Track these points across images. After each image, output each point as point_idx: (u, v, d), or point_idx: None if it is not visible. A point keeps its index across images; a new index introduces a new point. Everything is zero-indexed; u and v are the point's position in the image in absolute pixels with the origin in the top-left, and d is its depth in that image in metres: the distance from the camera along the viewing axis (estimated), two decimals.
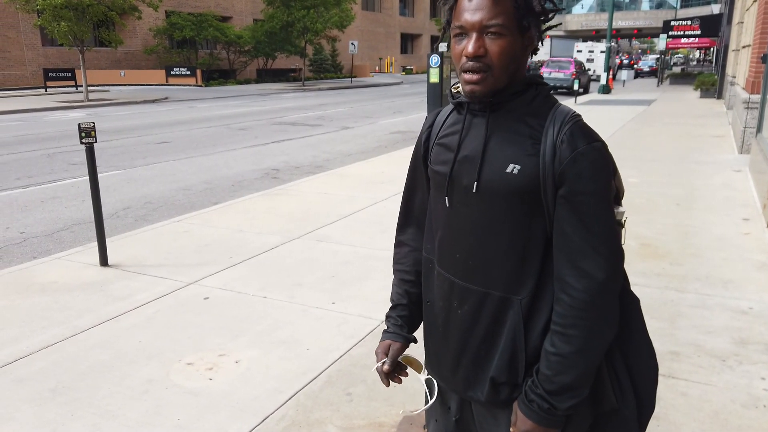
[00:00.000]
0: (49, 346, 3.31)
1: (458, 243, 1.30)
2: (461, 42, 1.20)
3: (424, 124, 1.44)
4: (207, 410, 2.70)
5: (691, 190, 6.93)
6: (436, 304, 1.38)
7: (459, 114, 1.33)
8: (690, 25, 31.52)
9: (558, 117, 1.22)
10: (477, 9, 1.16)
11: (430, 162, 1.37)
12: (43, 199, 7.28)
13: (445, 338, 1.36)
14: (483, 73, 1.18)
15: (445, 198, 1.30)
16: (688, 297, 3.89)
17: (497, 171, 1.22)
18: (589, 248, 1.17)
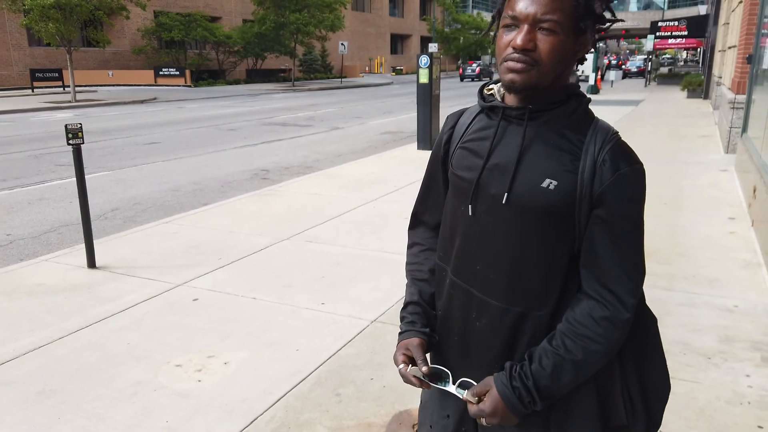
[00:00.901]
0: (37, 349, 3.28)
1: (479, 254, 1.24)
2: (510, 32, 1.14)
3: (445, 125, 1.37)
4: (196, 412, 2.69)
5: (678, 190, 7.00)
6: (451, 315, 1.33)
7: (490, 119, 1.26)
8: (677, 25, 31.82)
9: (599, 133, 1.17)
10: (536, 2, 1.10)
11: (452, 166, 1.30)
12: (29, 201, 7.22)
13: (465, 351, 1.32)
14: (528, 65, 1.12)
15: (468, 206, 1.23)
16: (675, 296, 3.93)
17: (532, 184, 1.16)
18: (621, 272, 1.16)
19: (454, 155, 1.31)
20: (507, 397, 1.17)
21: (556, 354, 1.16)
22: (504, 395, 1.17)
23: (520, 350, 1.24)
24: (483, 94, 1.30)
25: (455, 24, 61.73)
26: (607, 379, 1.23)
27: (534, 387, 1.16)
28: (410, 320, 1.37)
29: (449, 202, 1.34)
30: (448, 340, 1.35)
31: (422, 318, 1.37)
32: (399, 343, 1.34)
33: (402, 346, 1.32)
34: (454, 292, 1.31)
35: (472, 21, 62.70)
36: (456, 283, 1.30)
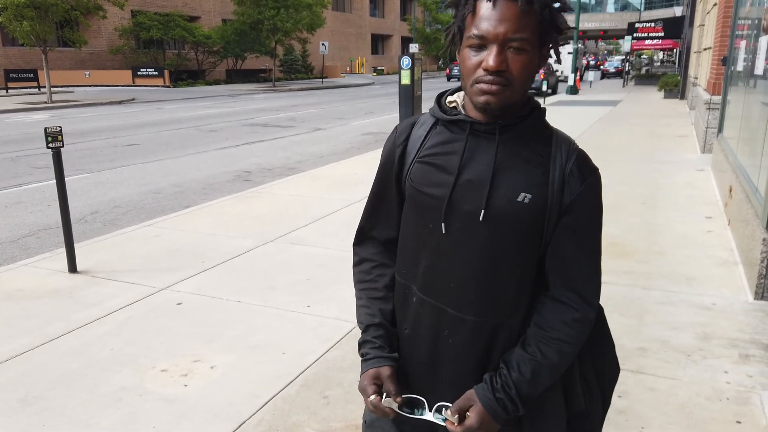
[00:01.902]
0: (18, 356, 3.24)
1: (453, 272, 1.22)
2: (478, 52, 1.11)
3: (397, 137, 1.31)
4: (182, 417, 2.68)
5: (656, 189, 7.12)
6: (419, 334, 1.29)
7: (452, 132, 1.23)
8: (653, 27, 32.28)
9: (563, 144, 1.22)
10: (502, 19, 1.08)
11: (412, 181, 1.25)
12: (6, 204, 7.10)
13: (433, 370, 1.29)
14: (502, 86, 1.11)
15: (441, 224, 1.20)
16: (653, 294, 4.01)
17: (507, 199, 1.17)
18: (587, 275, 1.22)
19: (412, 170, 1.25)
20: (493, 409, 1.18)
21: (533, 360, 1.19)
22: (489, 408, 1.18)
23: (494, 360, 1.25)
24: (442, 105, 1.26)
25: (436, 24, 61.91)
26: (567, 370, 1.26)
27: (517, 395, 1.18)
28: (377, 345, 1.30)
29: (411, 218, 1.29)
30: (413, 360, 1.31)
31: (387, 341, 1.31)
32: (366, 372, 1.27)
33: (371, 376, 1.26)
34: (423, 310, 1.28)
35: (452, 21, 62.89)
36: (425, 301, 1.27)
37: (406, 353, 1.32)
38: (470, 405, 1.20)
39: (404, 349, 1.33)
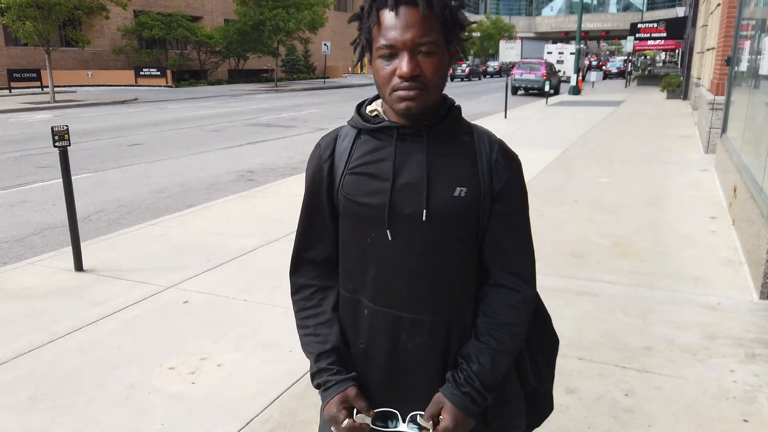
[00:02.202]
0: (26, 353, 3.26)
1: (403, 276, 1.23)
2: (390, 61, 1.14)
3: (322, 153, 1.29)
4: (191, 414, 2.70)
5: (660, 190, 7.12)
6: (375, 345, 1.28)
7: (379, 140, 1.24)
8: (656, 27, 32.30)
9: (483, 136, 1.27)
10: (407, 26, 1.11)
11: (346, 194, 1.24)
12: (11, 204, 7.12)
13: (394, 379, 1.29)
14: (419, 90, 1.14)
15: (385, 231, 1.20)
16: (659, 294, 4.01)
17: (445, 196, 1.20)
18: (523, 256, 1.28)
19: (343, 183, 1.24)
20: (463, 405, 1.20)
21: (488, 348, 1.23)
22: (459, 405, 1.20)
23: (453, 356, 1.27)
24: (363, 115, 1.27)
25: None
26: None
27: (481, 386, 1.21)
28: (334, 371, 1.27)
29: (349, 231, 1.28)
30: (371, 374, 1.30)
31: (342, 364, 1.29)
32: (331, 400, 1.24)
33: (338, 402, 1.24)
34: (376, 321, 1.27)
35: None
36: (378, 311, 1.26)
37: (363, 369, 1.30)
38: (441, 407, 1.21)
39: (360, 366, 1.30)
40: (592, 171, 8.33)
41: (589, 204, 6.47)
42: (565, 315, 3.69)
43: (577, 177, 7.93)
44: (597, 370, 3.04)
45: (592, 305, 3.83)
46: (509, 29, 74.28)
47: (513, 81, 27.70)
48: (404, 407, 1.26)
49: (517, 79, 27.95)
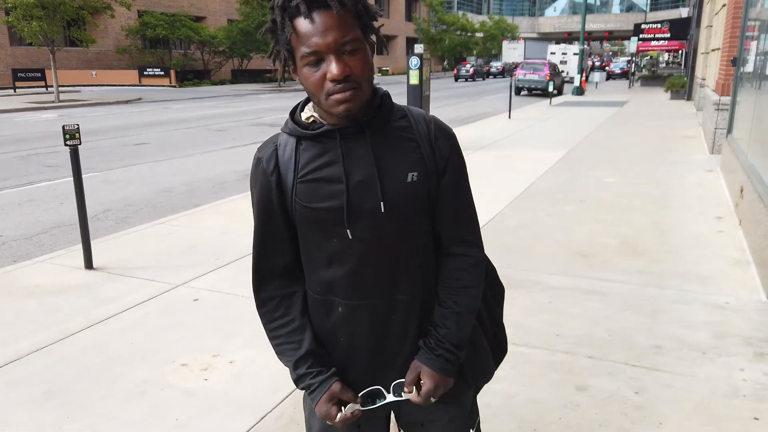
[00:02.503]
0: (40, 350, 3.28)
1: (372, 269, 1.28)
2: (317, 67, 1.14)
3: (266, 167, 1.28)
4: (204, 410, 2.72)
5: (666, 190, 7.13)
6: (358, 337, 1.34)
7: (321, 144, 1.25)
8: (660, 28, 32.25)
9: (417, 116, 1.31)
10: (326, 30, 1.11)
11: (302, 202, 1.25)
12: (19, 202, 7.15)
13: (380, 363, 1.36)
14: (353, 90, 1.15)
15: (346, 231, 1.24)
16: (667, 293, 4.02)
17: (399, 184, 1.24)
18: (470, 223, 1.38)
19: (296, 192, 1.25)
20: (439, 367, 1.31)
21: (452, 312, 1.33)
22: (436, 367, 1.31)
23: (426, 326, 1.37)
24: (300, 122, 1.27)
25: (441, 25, 61.95)
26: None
27: (451, 346, 1.32)
28: (314, 372, 1.32)
29: (310, 237, 1.30)
30: (354, 359, 1.35)
31: (320, 363, 1.34)
32: (320, 399, 1.30)
33: (327, 400, 1.30)
34: (355, 315, 1.31)
35: (457, 22, 62.96)
36: (356, 306, 1.31)
37: (346, 357, 1.36)
38: (419, 372, 1.32)
39: (343, 355, 1.36)
40: (598, 171, 8.34)
41: (595, 204, 6.48)
42: (574, 314, 3.70)
43: (583, 177, 7.94)
44: (607, 368, 3.05)
45: (601, 304, 3.85)
46: (512, 30, 74.26)
47: (516, 81, 27.69)
48: (388, 381, 1.35)
49: (521, 79, 27.95)
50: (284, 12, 1.14)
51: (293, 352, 1.33)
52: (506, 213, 6.10)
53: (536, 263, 4.62)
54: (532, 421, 2.62)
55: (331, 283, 1.30)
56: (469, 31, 65.31)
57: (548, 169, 8.54)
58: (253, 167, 1.32)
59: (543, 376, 2.98)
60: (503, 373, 3.01)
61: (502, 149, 10.60)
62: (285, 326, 1.34)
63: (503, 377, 2.97)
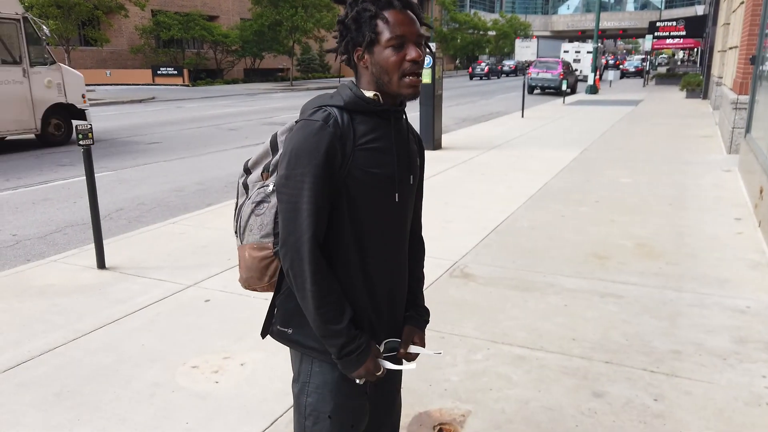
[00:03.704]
0: (51, 350, 3.28)
1: (401, 229, 1.55)
2: (398, 50, 1.37)
3: (334, 132, 1.37)
4: (215, 413, 2.69)
5: (682, 190, 7.02)
6: (381, 294, 1.53)
7: (373, 120, 1.44)
8: (675, 25, 31.88)
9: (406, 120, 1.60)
10: (412, 22, 1.38)
11: (361, 167, 1.40)
12: (34, 201, 7.20)
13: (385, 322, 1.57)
14: (419, 78, 1.42)
15: (394, 194, 1.47)
16: (686, 296, 3.94)
17: (417, 163, 1.57)
18: (420, 213, 1.72)
19: (354, 159, 1.40)
20: (424, 328, 1.67)
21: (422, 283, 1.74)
22: (423, 329, 1.67)
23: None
24: (365, 98, 1.43)
25: (453, 23, 61.72)
26: None
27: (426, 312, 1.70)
28: (360, 334, 1.46)
29: (360, 200, 1.43)
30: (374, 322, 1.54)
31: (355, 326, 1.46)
32: (369, 358, 1.46)
33: (375, 355, 1.48)
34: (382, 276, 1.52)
35: (469, 20, 62.70)
36: (385, 266, 1.52)
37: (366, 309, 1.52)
38: (414, 334, 1.61)
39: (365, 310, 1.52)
40: (613, 171, 8.23)
41: (610, 205, 6.39)
42: (589, 317, 3.64)
43: (597, 177, 7.84)
44: (624, 373, 2.99)
45: (617, 307, 3.78)
46: (525, 28, 73.83)
47: (529, 80, 27.50)
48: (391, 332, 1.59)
49: (534, 78, 27.75)
50: (376, 4, 1.37)
51: (341, 316, 1.42)
52: (519, 214, 6.03)
53: (550, 265, 4.56)
54: (547, 429, 2.56)
55: (369, 243, 1.47)
56: (482, 29, 65.01)
57: (562, 169, 8.44)
58: (312, 131, 1.36)
59: (558, 382, 2.92)
60: (517, 378, 2.96)
61: (514, 148, 10.51)
62: (333, 292, 1.42)
63: (517, 382, 2.92)
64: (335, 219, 1.43)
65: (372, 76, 1.42)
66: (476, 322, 3.60)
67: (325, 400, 1.50)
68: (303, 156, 1.35)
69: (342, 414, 1.52)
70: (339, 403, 1.51)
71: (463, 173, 8.32)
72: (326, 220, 1.41)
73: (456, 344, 3.32)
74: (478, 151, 10.20)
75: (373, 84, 1.43)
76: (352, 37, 1.40)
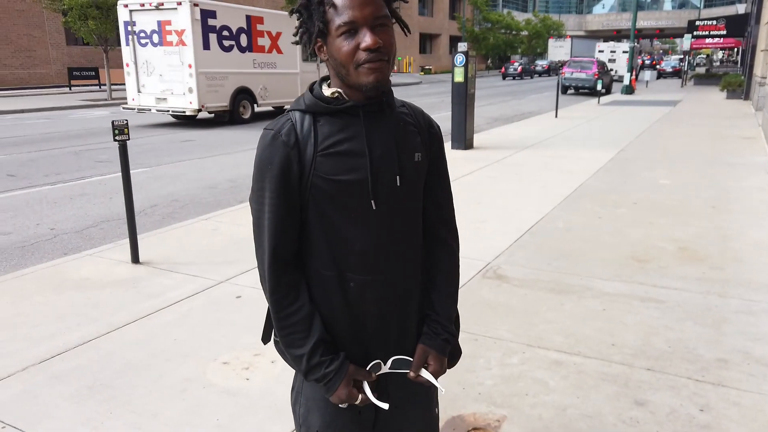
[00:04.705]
0: (85, 343, 3.30)
1: (386, 243, 1.34)
2: (350, 39, 1.21)
3: (287, 142, 1.27)
4: (246, 411, 2.67)
5: (724, 193, 6.77)
6: (364, 312, 1.36)
7: (340, 120, 1.28)
8: (715, 24, 31.01)
9: (414, 107, 1.43)
10: (364, 4, 1.20)
11: (324, 175, 1.26)
12: (71, 196, 7.34)
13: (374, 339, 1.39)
14: (383, 61, 1.23)
15: (369, 202, 1.29)
16: (731, 302, 3.78)
17: (409, 161, 1.34)
18: (452, 210, 1.49)
19: (315, 166, 1.27)
20: (443, 349, 1.42)
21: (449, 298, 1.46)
22: (441, 349, 1.41)
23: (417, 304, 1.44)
24: (323, 98, 1.29)
25: (485, 23, 61.22)
26: None
27: (452, 333, 1.45)
28: (329, 360, 1.32)
29: (329, 212, 1.30)
30: (357, 339, 1.38)
31: (330, 350, 1.34)
32: (340, 385, 1.31)
33: (346, 384, 1.32)
34: (366, 291, 1.34)
35: (502, 20, 62.11)
36: (366, 281, 1.33)
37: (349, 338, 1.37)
38: (427, 356, 1.40)
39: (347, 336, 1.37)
40: (651, 172, 8.00)
41: (649, 206, 6.19)
42: (629, 323, 3.51)
43: (635, 178, 7.62)
44: (668, 382, 2.86)
45: (659, 313, 3.64)
46: (558, 27, 72.83)
47: (563, 80, 27.07)
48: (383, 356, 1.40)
49: (567, 77, 27.30)
50: None
51: (304, 341, 1.31)
52: (554, 215, 5.89)
53: (587, 268, 4.43)
54: None
55: (347, 257, 1.32)
56: (514, 29, 64.32)
57: (598, 170, 8.24)
58: (266, 143, 1.29)
59: (598, 389, 2.81)
60: (554, 383, 2.86)
61: (548, 149, 10.32)
62: (296, 313, 1.31)
63: (554, 388, 2.83)
64: (307, 232, 1.33)
65: (333, 69, 1.28)
66: (510, 324, 3.51)
67: (314, 415, 1.42)
68: (260, 169, 1.29)
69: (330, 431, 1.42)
70: (326, 420, 1.40)
71: (495, 173, 8.19)
72: (293, 232, 1.31)
73: (490, 347, 3.23)
74: (510, 151, 10.05)
75: (336, 78, 1.29)
76: (307, 27, 1.27)
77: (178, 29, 13.52)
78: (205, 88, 13.94)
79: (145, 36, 14.07)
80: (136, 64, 14.39)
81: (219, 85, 14.37)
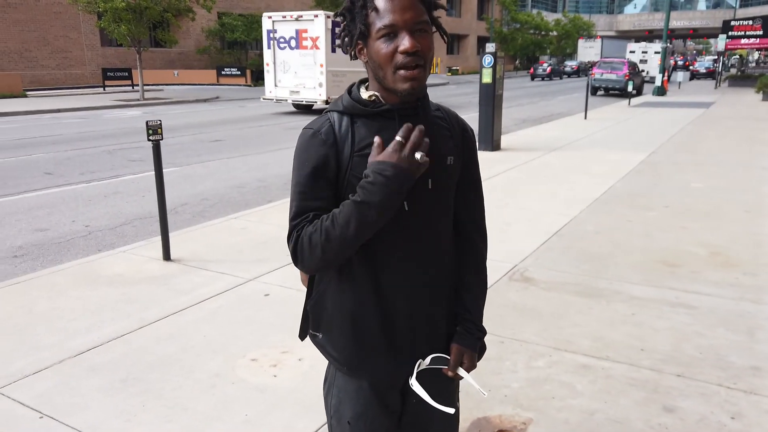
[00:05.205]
0: (119, 338, 3.39)
1: (418, 241, 1.37)
2: (389, 42, 1.24)
3: (326, 140, 1.30)
4: (274, 407, 2.71)
5: (760, 197, 6.62)
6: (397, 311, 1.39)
7: (377, 122, 1.30)
8: (751, 25, 30.27)
9: (449, 111, 1.46)
10: (405, 8, 1.23)
11: (358, 175, 1.27)
12: (105, 194, 7.52)
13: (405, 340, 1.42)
14: (420, 69, 1.25)
15: (403, 203, 1.29)
16: (765, 309, 3.69)
17: (441, 165, 1.36)
18: (482, 211, 1.53)
19: (352, 165, 1.29)
20: (476, 348, 1.48)
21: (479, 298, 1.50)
22: (473, 347, 1.47)
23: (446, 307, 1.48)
24: (361, 100, 1.32)
25: (514, 24, 60.75)
26: None
27: (484, 331, 1.50)
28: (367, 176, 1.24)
29: None
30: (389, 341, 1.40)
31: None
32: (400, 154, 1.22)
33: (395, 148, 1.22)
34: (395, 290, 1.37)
35: (531, 20, 61.56)
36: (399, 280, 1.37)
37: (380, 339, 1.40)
38: (463, 354, 1.45)
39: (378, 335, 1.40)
40: (683, 175, 7.86)
41: (680, 210, 6.09)
42: (659, 327, 3.46)
43: (666, 181, 7.50)
44: (698, 388, 2.82)
45: (690, 318, 3.58)
46: (588, 27, 71.85)
47: (593, 81, 26.69)
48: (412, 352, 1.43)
49: (597, 78, 26.92)
50: None
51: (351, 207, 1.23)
52: (583, 217, 5.83)
53: (617, 271, 4.38)
54: None
55: (378, 257, 1.35)
56: (543, 29, 63.68)
57: (628, 172, 8.13)
58: (304, 140, 1.33)
59: (626, 394, 2.79)
60: (581, 387, 2.84)
61: (578, 150, 10.21)
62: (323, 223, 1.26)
63: (581, 392, 2.81)
64: None
65: (371, 72, 1.31)
66: (537, 327, 3.49)
67: (345, 406, 1.46)
68: (297, 166, 1.34)
69: (360, 422, 1.46)
70: (358, 412, 1.45)
71: (523, 174, 8.14)
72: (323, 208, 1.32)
73: (516, 350, 3.22)
74: (539, 153, 9.96)
75: (374, 81, 1.32)
76: (349, 30, 1.30)
77: (313, 36, 16.80)
78: (331, 83, 17.02)
79: (284, 41, 17.41)
80: (275, 64, 17.74)
81: (340, 81, 17.28)
